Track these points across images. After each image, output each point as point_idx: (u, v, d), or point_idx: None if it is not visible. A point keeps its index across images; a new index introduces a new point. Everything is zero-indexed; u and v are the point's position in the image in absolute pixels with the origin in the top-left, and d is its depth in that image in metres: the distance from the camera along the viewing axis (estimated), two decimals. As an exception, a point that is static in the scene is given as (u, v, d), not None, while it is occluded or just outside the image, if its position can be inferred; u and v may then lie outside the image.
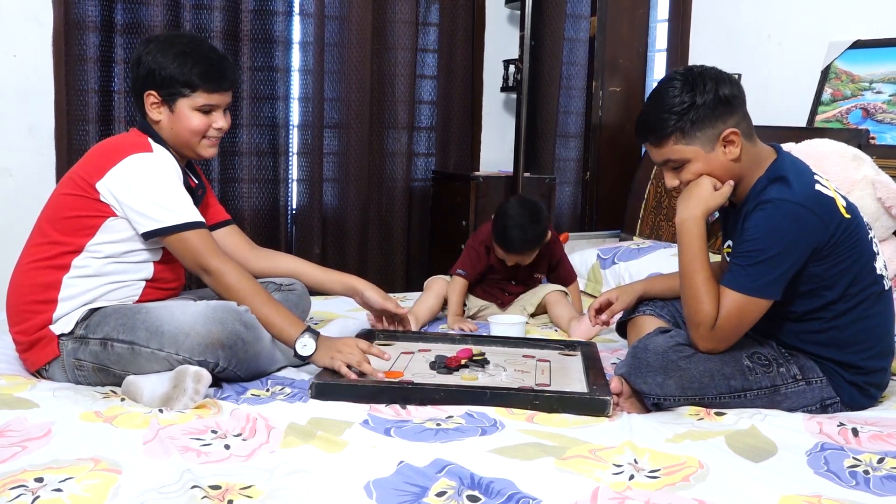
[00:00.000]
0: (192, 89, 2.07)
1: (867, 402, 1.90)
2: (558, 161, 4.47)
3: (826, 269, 1.80)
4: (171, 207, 2.00)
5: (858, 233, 1.83)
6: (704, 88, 1.81)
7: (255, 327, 2.01)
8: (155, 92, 2.07)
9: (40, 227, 2.08)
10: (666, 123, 1.83)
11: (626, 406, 1.88)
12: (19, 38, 3.31)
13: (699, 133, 1.82)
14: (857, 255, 1.81)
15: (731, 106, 1.82)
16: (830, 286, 1.82)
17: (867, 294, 1.84)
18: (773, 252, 1.75)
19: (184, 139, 2.11)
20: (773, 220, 1.76)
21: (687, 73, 1.85)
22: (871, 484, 1.48)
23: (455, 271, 2.82)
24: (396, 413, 1.82)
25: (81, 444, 1.59)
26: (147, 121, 2.12)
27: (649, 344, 1.85)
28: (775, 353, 1.87)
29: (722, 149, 1.83)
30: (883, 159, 2.68)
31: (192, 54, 2.07)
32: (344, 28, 3.92)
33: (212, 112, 2.11)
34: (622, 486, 1.45)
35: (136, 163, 2.01)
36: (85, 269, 2.02)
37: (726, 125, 1.82)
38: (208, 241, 2.04)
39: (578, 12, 4.39)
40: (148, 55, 2.07)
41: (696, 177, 1.86)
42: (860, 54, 2.99)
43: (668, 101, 1.82)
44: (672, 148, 1.85)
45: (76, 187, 2.02)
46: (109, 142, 2.14)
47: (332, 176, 4.03)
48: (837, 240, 1.78)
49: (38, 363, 2.03)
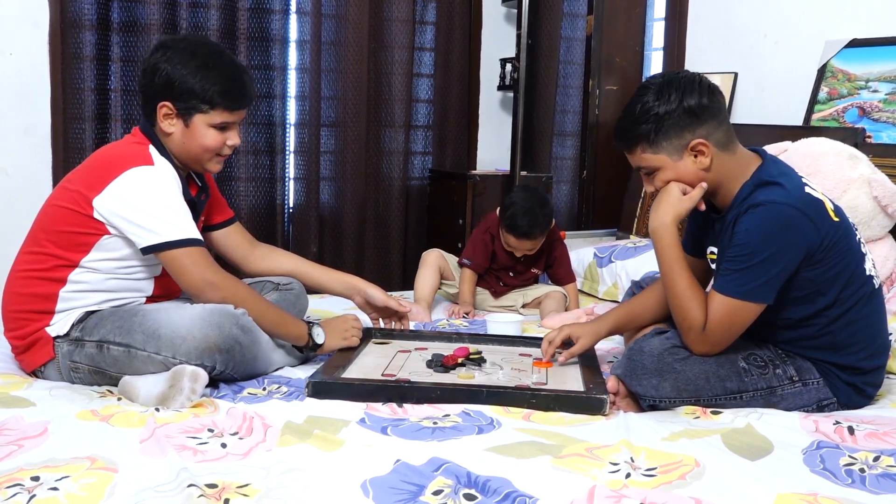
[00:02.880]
0: (211, 106, 2.01)
1: (863, 401, 1.90)
2: (555, 160, 4.47)
3: (819, 273, 1.79)
4: (171, 221, 1.96)
5: (848, 235, 1.82)
6: (669, 98, 1.81)
7: (253, 331, 2.00)
8: (170, 104, 2.01)
9: (35, 236, 2.04)
10: (632, 132, 1.85)
11: (622, 405, 1.88)
12: (15, 37, 3.30)
13: (665, 142, 1.83)
14: (848, 258, 1.81)
15: (698, 116, 1.81)
16: (824, 292, 1.81)
17: (859, 297, 1.84)
18: (765, 255, 1.74)
19: (194, 154, 2.06)
20: (764, 223, 1.75)
21: (659, 82, 1.85)
22: (867, 482, 1.48)
23: (461, 261, 2.93)
24: (393, 411, 1.82)
25: (78, 442, 1.59)
26: (154, 129, 2.06)
27: (645, 346, 1.86)
28: (772, 355, 1.87)
29: (691, 158, 1.84)
30: (879, 158, 2.68)
31: (215, 69, 2.00)
32: (341, 26, 3.92)
33: (227, 129, 2.06)
34: (619, 485, 1.45)
35: (135, 176, 1.96)
36: (82, 285, 2.00)
37: (694, 135, 1.82)
38: (205, 258, 2.00)
39: (575, 11, 4.39)
40: (166, 63, 1.99)
41: (665, 184, 1.88)
42: (856, 53, 2.99)
43: (636, 109, 1.84)
44: (640, 156, 1.87)
45: (71, 201, 1.97)
46: (108, 152, 2.08)
47: (329, 174, 4.03)
48: (829, 244, 1.77)
49: (34, 365, 2.02)
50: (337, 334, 2.17)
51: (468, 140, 4.45)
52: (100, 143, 3.45)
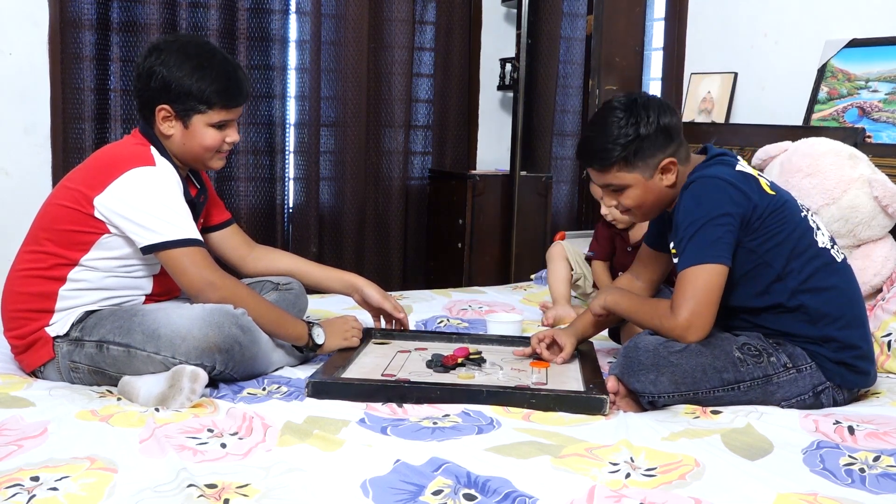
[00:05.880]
0: (208, 106, 2.03)
1: (859, 378, 1.92)
2: (555, 160, 4.48)
3: (759, 243, 1.86)
4: (172, 221, 1.97)
5: (788, 208, 1.90)
6: (648, 120, 1.88)
7: (253, 330, 2.00)
8: (168, 106, 2.02)
9: (35, 235, 2.04)
10: (611, 154, 1.89)
11: (622, 405, 1.88)
12: (15, 37, 3.31)
13: (640, 162, 1.90)
14: (789, 229, 1.88)
15: (670, 135, 1.90)
16: (770, 262, 1.87)
17: (814, 268, 1.88)
18: (704, 220, 1.82)
19: (196, 154, 2.08)
20: (696, 194, 1.85)
21: (629, 103, 1.91)
22: (867, 482, 1.48)
23: (587, 256, 2.90)
24: (393, 411, 1.82)
25: (77, 442, 1.59)
26: (153, 131, 2.07)
27: (640, 342, 1.87)
28: (764, 344, 1.89)
29: (660, 176, 1.92)
30: (879, 158, 2.68)
31: (210, 68, 2.02)
32: (340, 26, 3.92)
33: (225, 127, 2.08)
34: (618, 485, 1.45)
35: (137, 176, 1.97)
36: (82, 283, 2.00)
37: (665, 154, 1.90)
38: (205, 258, 2.01)
39: (575, 11, 4.39)
40: (161, 66, 2.00)
41: (634, 202, 1.95)
42: (856, 53, 2.99)
43: (614, 130, 1.89)
44: (615, 175, 1.93)
45: (72, 199, 1.98)
46: (110, 152, 2.09)
47: (329, 174, 4.03)
48: (763, 213, 1.85)
49: (34, 365, 2.02)
50: (337, 335, 2.18)
51: (468, 140, 4.45)
52: (99, 143, 3.46)
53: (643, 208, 1.97)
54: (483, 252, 4.05)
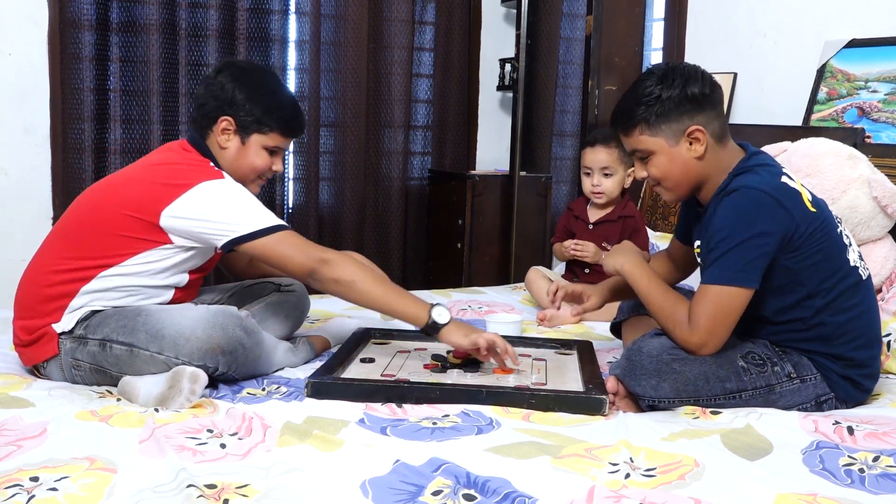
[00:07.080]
0: (270, 129, 2.10)
1: (861, 395, 1.91)
2: (555, 160, 4.47)
3: (797, 262, 1.81)
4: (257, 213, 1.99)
5: (827, 226, 1.85)
6: (672, 83, 1.86)
7: (256, 332, 2.00)
8: (232, 119, 2.08)
9: (72, 235, 2.01)
10: (633, 113, 1.89)
11: (621, 405, 1.88)
12: (15, 37, 3.30)
13: (664, 126, 1.87)
14: (827, 248, 1.83)
15: (699, 104, 1.86)
16: (803, 281, 1.83)
17: (844, 287, 1.85)
18: (742, 238, 1.77)
19: (242, 172, 2.12)
20: (738, 206, 1.79)
21: (664, 69, 1.90)
22: (867, 482, 1.48)
23: None
24: (392, 412, 1.82)
25: (77, 443, 1.59)
26: (207, 142, 2.10)
27: (644, 346, 1.86)
28: (769, 352, 1.87)
29: (687, 145, 1.88)
30: (878, 158, 2.68)
31: (279, 96, 2.14)
32: (340, 27, 3.91)
33: (275, 154, 2.15)
34: (618, 485, 1.45)
35: (210, 187, 1.97)
36: (108, 283, 1.98)
37: (692, 121, 1.86)
38: (302, 238, 2.02)
39: (574, 11, 4.39)
40: (234, 81, 2.08)
41: (660, 170, 1.91)
42: (856, 53, 2.99)
43: (639, 92, 1.89)
44: (638, 138, 1.91)
45: (133, 207, 1.95)
46: (168, 167, 2.03)
47: (329, 175, 4.03)
48: (805, 231, 1.80)
49: (36, 359, 2.02)
50: (459, 329, 2.01)
51: (468, 140, 4.45)
52: (99, 143, 3.46)
53: (671, 180, 1.91)
54: (483, 252, 4.05)
